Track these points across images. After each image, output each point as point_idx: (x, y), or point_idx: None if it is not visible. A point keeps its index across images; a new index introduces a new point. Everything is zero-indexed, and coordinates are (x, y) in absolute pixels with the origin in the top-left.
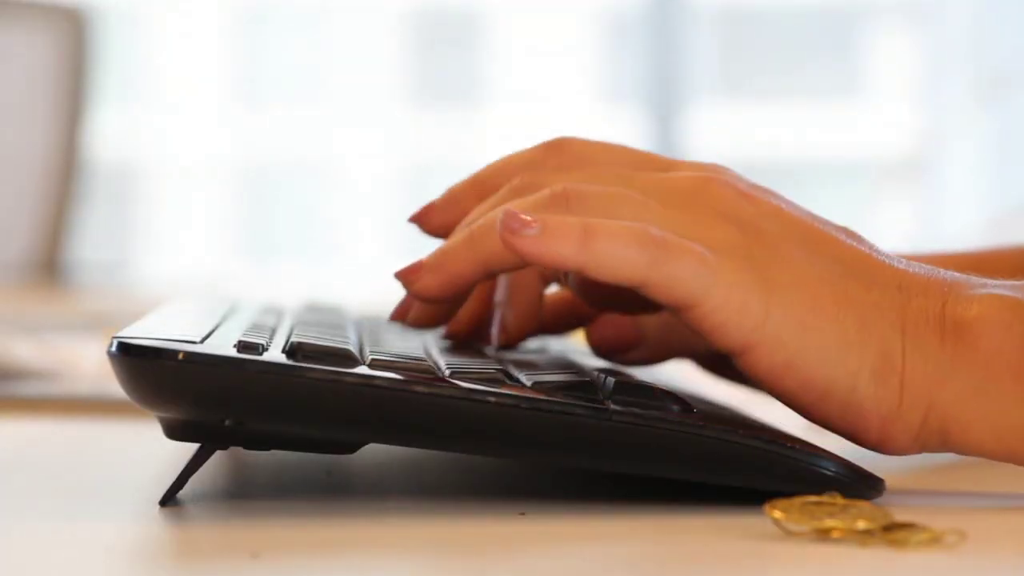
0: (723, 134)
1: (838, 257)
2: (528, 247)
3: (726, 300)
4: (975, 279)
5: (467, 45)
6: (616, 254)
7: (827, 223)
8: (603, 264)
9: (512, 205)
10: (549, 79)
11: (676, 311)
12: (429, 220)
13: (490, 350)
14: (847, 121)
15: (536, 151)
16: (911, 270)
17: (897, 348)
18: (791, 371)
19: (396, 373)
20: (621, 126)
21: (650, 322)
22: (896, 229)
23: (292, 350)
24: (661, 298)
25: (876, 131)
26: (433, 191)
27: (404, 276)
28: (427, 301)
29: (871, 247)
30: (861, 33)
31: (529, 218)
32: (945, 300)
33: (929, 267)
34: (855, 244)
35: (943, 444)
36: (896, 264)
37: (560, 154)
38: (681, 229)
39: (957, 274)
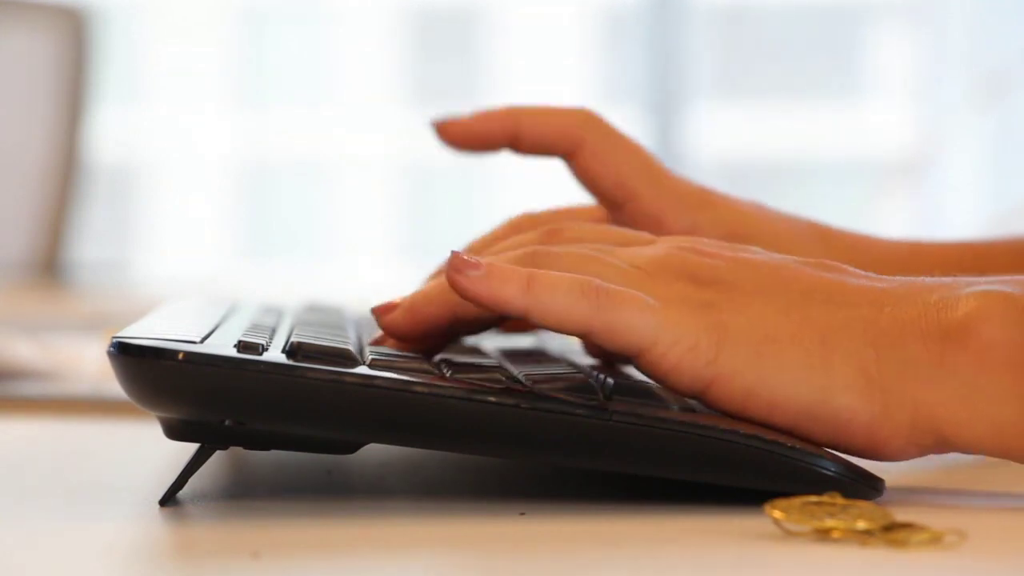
0: (723, 134)
1: (805, 290)
2: (472, 287)
3: (675, 342)
4: (963, 279)
5: (466, 45)
6: (558, 302)
7: (797, 261)
8: (546, 311)
9: (483, 260)
10: (548, 79)
11: (629, 358)
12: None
13: (491, 350)
14: (847, 121)
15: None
16: (888, 286)
17: (870, 360)
18: (753, 398)
19: (396, 373)
20: (621, 126)
21: None
22: (896, 229)
23: (292, 350)
24: (608, 346)
25: (876, 131)
26: (432, 191)
27: (378, 312)
28: (396, 338)
29: (846, 275)
30: (861, 33)
31: (476, 260)
32: (927, 303)
33: (910, 278)
34: (828, 275)
35: (940, 444)
36: (872, 283)
37: (553, 237)
38: (642, 285)
39: (943, 278)
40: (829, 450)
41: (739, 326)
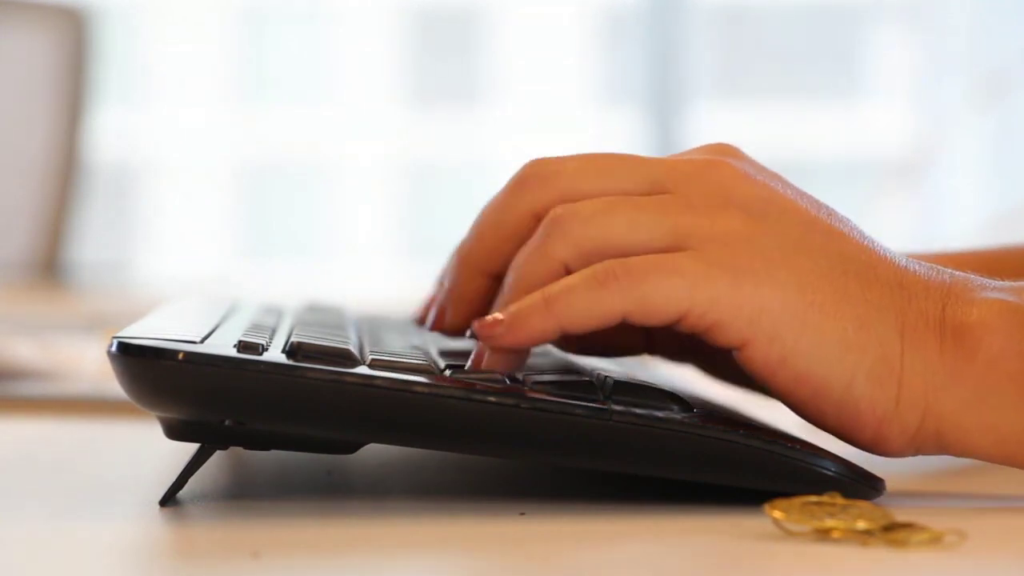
0: (723, 134)
1: (840, 251)
2: (508, 342)
3: (715, 300)
4: (976, 279)
5: (467, 45)
6: (582, 303)
7: (832, 213)
8: (577, 318)
9: (521, 256)
10: (549, 79)
11: (671, 325)
12: (443, 321)
13: None
14: (847, 121)
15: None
16: (911, 268)
17: (896, 350)
18: (786, 367)
19: (396, 373)
20: (620, 126)
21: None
22: (896, 229)
23: (292, 350)
24: (648, 322)
25: (876, 131)
26: (432, 191)
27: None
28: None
29: (872, 240)
30: (861, 33)
31: (498, 316)
32: (945, 302)
33: (929, 265)
34: (857, 237)
35: (940, 447)
36: (896, 261)
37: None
38: (681, 220)
39: (958, 273)
40: (829, 450)
41: (786, 284)
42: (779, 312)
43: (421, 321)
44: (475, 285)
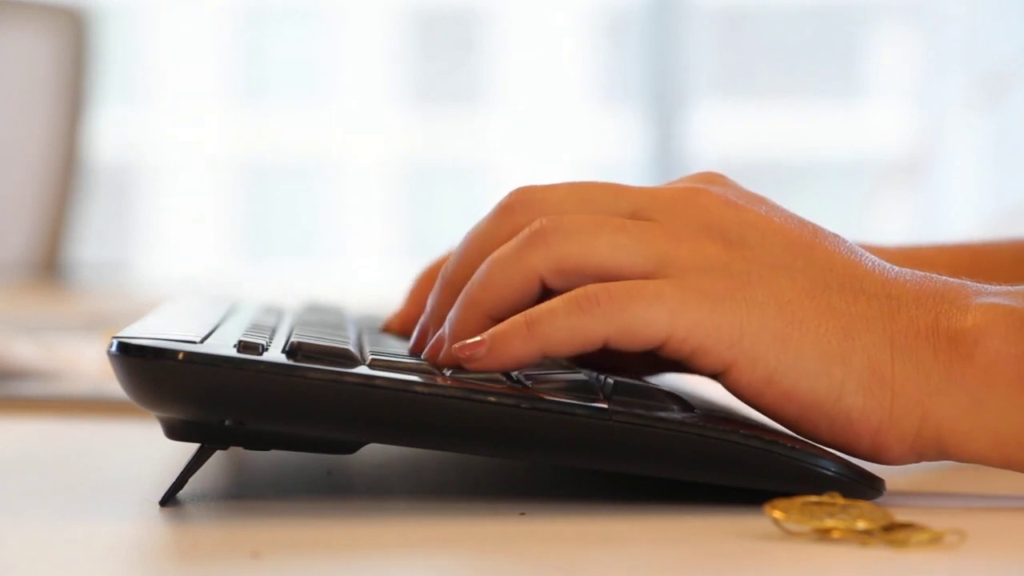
0: (723, 134)
1: (825, 267)
2: (488, 365)
3: (695, 326)
4: (971, 286)
5: (467, 45)
6: (564, 328)
7: (817, 231)
8: (559, 343)
9: (495, 255)
10: (549, 79)
11: (652, 350)
12: (428, 343)
13: None
14: (847, 121)
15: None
16: (902, 278)
17: (886, 359)
18: (772, 386)
19: (396, 373)
20: (620, 126)
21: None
22: (896, 229)
23: (292, 350)
24: (630, 347)
25: (876, 131)
26: (432, 191)
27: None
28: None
29: (861, 255)
30: (861, 33)
31: (477, 339)
32: (939, 310)
33: (923, 274)
34: (845, 252)
35: (941, 453)
36: (887, 273)
37: (521, 210)
38: (662, 247)
39: (953, 280)
40: (829, 450)
41: (764, 305)
42: (759, 332)
43: (391, 329)
44: None
